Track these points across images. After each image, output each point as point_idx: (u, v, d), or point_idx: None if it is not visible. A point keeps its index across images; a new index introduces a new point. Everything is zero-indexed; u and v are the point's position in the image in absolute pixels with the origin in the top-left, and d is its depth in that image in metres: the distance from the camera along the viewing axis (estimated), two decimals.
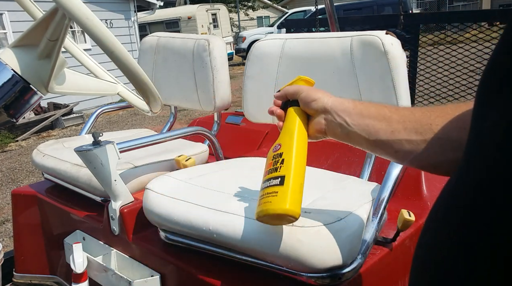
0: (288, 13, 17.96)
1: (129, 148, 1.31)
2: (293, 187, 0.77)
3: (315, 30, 2.98)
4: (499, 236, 0.36)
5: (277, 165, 0.81)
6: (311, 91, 0.83)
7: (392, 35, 1.22)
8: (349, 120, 0.76)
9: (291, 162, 0.79)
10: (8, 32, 7.32)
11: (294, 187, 0.77)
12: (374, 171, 1.36)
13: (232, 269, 1.05)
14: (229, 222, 0.98)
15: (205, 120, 2.10)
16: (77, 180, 1.42)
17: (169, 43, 1.83)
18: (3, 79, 1.04)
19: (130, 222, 1.28)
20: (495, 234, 0.37)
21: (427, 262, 0.45)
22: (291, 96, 0.86)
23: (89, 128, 1.86)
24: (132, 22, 10.04)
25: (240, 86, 1.60)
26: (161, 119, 6.80)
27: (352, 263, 0.95)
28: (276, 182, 0.79)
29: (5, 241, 3.10)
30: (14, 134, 6.49)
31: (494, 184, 0.37)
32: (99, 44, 0.94)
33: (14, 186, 4.30)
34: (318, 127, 0.82)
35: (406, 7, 10.64)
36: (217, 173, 1.26)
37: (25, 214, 1.68)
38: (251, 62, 1.49)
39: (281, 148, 0.83)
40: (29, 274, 1.68)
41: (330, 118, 0.79)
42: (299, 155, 0.81)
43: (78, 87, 1.25)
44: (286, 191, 0.77)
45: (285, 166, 0.80)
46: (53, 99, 7.39)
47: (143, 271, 1.23)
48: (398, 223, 1.06)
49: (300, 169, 0.80)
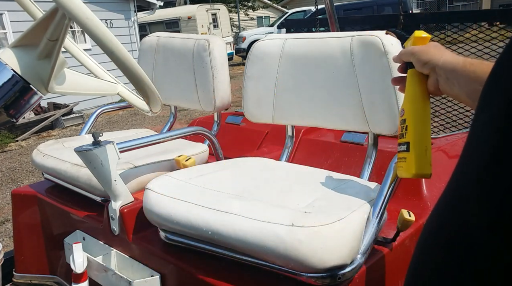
0: (288, 13, 17.95)
1: (129, 148, 1.31)
2: (416, 153, 0.84)
3: (315, 30, 2.98)
4: (483, 235, 0.37)
5: (403, 131, 0.87)
6: (421, 53, 0.84)
7: (392, 35, 1.22)
8: (457, 83, 0.77)
9: (413, 129, 0.85)
10: (8, 32, 7.32)
11: (418, 152, 0.84)
12: (374, 171, 1.36)
13: (232, 269, 1.05)
14: (229, 222, 0.98)
15: (205, 120, 2.10)
16: (77, 180, 1.42)
17: (169, 43, 1.83)
18: (3, 79, 1.04)
19: (130, 222, 1.28)
20: (478, 234, 0.37)
21: (420, 259, 0.46)
22: (405, 59, 0.88)
23: (89, 128, 1.86)
24: (132, 22, 10.04)
25: (240, 86, 1.60)
26: (161, 119, 6.80)
27: (352, 263, 0.95)
28: (404, 148, 0.86)
29: (5, 241, 3.10)
30: (14, 134, 6.49)
31: (483, 186, 0.38)
32: (99, 44, 0.94)
33: (14, 186, 4.30)
34: (435, 86, 0.83)
35: (406, 7, 10.64)
36: (217, 173, 1.26)
37: (25, 214, 1.68)
38: (251, 62, 1.49)
39: (405, 113, 0.88)
40: (29, 274, 1.68)
41: (442, 77, 0.80)
42: (419, 121, 0.85)
43: (78, 87, 1.25)
44: (412, 157, 0.85)
45: (408, 132, 0.85)
46: (53, 99, 7.38)
47: (143, 271, 1.23)
48: (398, 223, 1.06)
49: (423, 133, 0.85)
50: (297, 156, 1.69)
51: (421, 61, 0.84)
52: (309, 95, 1.39)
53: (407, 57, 0.88)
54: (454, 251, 0.40)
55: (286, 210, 0.98)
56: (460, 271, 0.39)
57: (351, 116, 1.32)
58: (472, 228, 0.38)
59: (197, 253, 1.11)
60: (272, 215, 0.95)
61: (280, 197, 1.09)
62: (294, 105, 1.43)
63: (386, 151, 1.46)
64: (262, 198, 1.08)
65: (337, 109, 1.35)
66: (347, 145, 1.63)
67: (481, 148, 0.40)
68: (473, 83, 0.72)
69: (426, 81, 0.86)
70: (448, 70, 0.78)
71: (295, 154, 1.69)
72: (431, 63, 0.82)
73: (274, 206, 1.00)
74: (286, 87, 1.44)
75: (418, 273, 0.46)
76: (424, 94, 0.86)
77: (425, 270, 0.44)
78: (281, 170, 1.32)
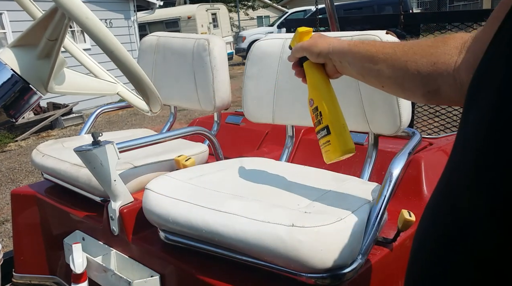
0: (288, 12, 17.96)
1: (129, 148, 1.31)
2: (337, 131, 0.92)
3: (315, 30, 2.98)
4: (476, 232, 0.38)
5: (318, 118, 0.95)
6: (312, 47, 0.93)
7: (392, 34, 1.22)
8: (347, 64, 0.88)
9: (326, 112, 0.93)
10: (7, 32, 7.32)
11: (339, 131, 0.92)
12: (374, 171, 1.35)
13: (232, 269, 1.05)
14: (229, 222, 0.98)
15: (205, 120, 2.10)
16: (77, 180, 1.42)
17: (168, 42, 1.82)
18: (3, 79, 1.03)
19: (129, 222, 1.28)
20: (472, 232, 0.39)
21: (417, 254, 0.46)
22: (299, 55, 0.97)
23: (89, 128, 1.85)
24: (132, 21, 10.04)
25: (240, 86, 1.60)
26: (161, 119, 6.79)
27: (352, 263, 0.94)
28: (325, 133, 0.93)
29: (4, 241, 3.10)
30: (14, 134, 6.48)
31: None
32: (99, 44, 0.94)
33: (14, 186, 4.29)
34: (332, 70, 0.94)
35: (406, 6, 10.63)
36: (217, 173, 1.26)
37: (25, 214, 1.67)
38: (251, 62, 1.48)
39: (314, 102, 0.96)
40: (28, 274, 1.68)
41: (337, 62, 0.91)
42: (329, 103, 0.94)
43: (78, 87, 1.25)
44: (334, 137, 0.92)
45: (324, 117, 0.93)
46: (53, 99, 7.38)
47: (143, 271, 1.23)
48: (398, 223, 1.06)
49: (336, 113, 0.94)
50: (297, 156, 1.68)
51: (314, 53, 0.93)
52: None
53: (300, 53, 0.97)
54: (449, 239, 0.41)
55: (286, 210, 0.98)
56: (457, 258, 0.39)
57: (351, 116, 1.32)
58: (465, 215, 0.39)
59: (197, 253, 1.11)
60: (272, 216, 0.95)
61: (280, 197, 1.09)
62: (294, 105, 1.43)
63: (386, 151, 1.46)
64: (262, 198, 1.07)
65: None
66: None
67: (474, 138, 0.41)
68: (359, 61, 0.84)
69: (323, 68, 0.95)
70: (338, 55, 0.89)
71: (295, 154, 1.69)
72: (323, 53, 0.92)
73: (274, 206, 1.00)
74: (286, 87, 1.43)
75: (417, 264, 0.46)
76: (325, 79, 0.95)
77: (423, 260, 0.45)
78: (281, 170, 1.32)
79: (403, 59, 0.74)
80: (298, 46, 0.97)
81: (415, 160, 1.40)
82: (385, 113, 1.23)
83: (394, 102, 1.20)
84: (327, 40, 0.93)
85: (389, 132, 1.26)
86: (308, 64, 0.97)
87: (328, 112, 0.93)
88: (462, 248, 0.40)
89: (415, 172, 1.39)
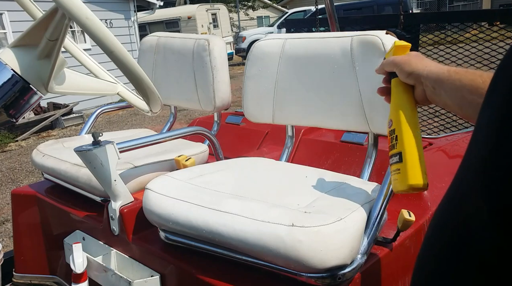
0: (288, 13, 17.95)
1: (129, 148, 1.31)
2: (410, 163, 0.83)
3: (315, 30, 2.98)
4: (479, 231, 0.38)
5: (393, 142, 0.86)
6: (404, 64, 0.84)
7: (392, 35, 1.22)
8: (443, 92, 0.77)
9: (403, 139, 0.84)
10: (8, 32, 7.32)
11: (411, 162, 0.83)
12: (374, 171, 1.35)
13: (232, 269, 1.05)
14: (229, 222, 0.98)
15: (205, 120, 2.10)
16: (77, 180, 1.42)
17: (169, 43, 1.83)
18: (3, 79, 1.04)
19: (130, 222, 1.28)
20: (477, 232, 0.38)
21: (426, 255, 0.46)
22: (388, 69, 0.88)
23: (89, 128, 1.86)
24: (132, 22, 10.04)
25: (240, 86, 1.60)
26: (161, 119, 6.79)
27: (352, 263, 0.95)
28: (396, 160, 0.85)
29: (5, 241, 3.10)
30: (14, 134, 6.48)
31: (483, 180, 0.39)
32: (99, 44, 0.94)
33: (14, 186, 4.29)
34: (421, 96, 0.83)
35: (406, 7, 10.64)
36: (217, 173, 1.26)
37: (25, 214, 1.67)
38: (251, 62, 1.48)
39: (393, 124, 0.87)
40: (29, 274, 1.68)
41: (429, 87, 0.80)
42: (409, 129, 0.84)
43: (78, 87, 1.25)
44: (405, 167, 0.84)
45: (399, 142, 0.85)
46: (53, 99, 7.38)
47: (143, 271, 1.23)
48: (398, 223, 1.06)
49: (414, 142, 0.84)
50: (297, 156, 1.69)
51: (405, 72, 0.84)
52: (309, 95, 1.39)
53: (390, 68, 0.88)
54: (457, 244, 0.41)
55: (286, 210, 0.98)
56: (464, 264, 0.39)
57: (351, 116, 1.32)
58: (474, 219, 0.39)
59: (197, 253, 1.11)
60: (272, 215, 0.95)
61: (280, 197, 1.09)
62: (294, 105, 1.43)
63: (386, 151, 1.46)
64: (262, 198, 1.07)
65: (337, 109, 1.34)
66: (347, 145, 1.63)
67: (485, 140, 0.40)
68: (460, 91, 0.73)
69: (411, 90, 0.86)
70: (433, 80, 0.79)
71: (295, 154, 1.69)
72: (415, 73, 0.82)
73: (274, 206, 1.00)
74: (286, 87, 1.43)
75: (424, 269, 0.46)
76: (411, 103, 0.86)
77: (430, 265, 0.44)
78: (281, 170, 1.32)
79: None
80: (390, 60, 0.88)
81: None
82: (385, 113, 1.23)
83: None
84: (424, 61, 0.84)
85: None
86: (396, 82, 0.88)
87: (405, 139, 0.84)
88: (465, 251, 0.40)
89: None
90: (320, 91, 1.37)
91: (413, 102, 0.86)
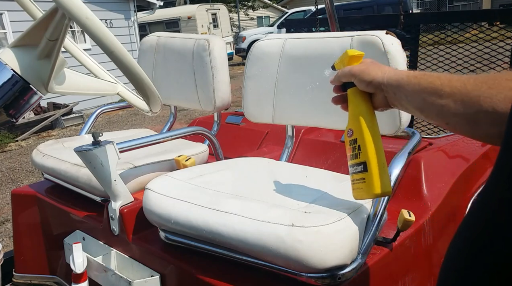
0: (288, 13, 17.96)
1: (129, 148, 1.31)
2: (375, 171, 0.83)
3: (315, 30, 2.98)
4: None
5: (355, 151, 0.86)
6: (363, 73, 0.83)
7: (392, 35, 1.22)
8: (404, 97, 0.77)
9: (367, 148, 0.84)
10: (8, 32, 7.32)
11: (376, 171, 0.83)
12: None
13: (232, 269, 1.05)
14: (229, 222, 0.98)
15: (205, 120, 2.10)
16: (77, 180, 1.42)
17: (169, 43, 1.83)
18: (3, 79, 1.04)
19: (130, 222, 1.28)
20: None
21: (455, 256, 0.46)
22: (346, 80, 0.87)
23: (89, 128, 1.86)
24: (132, 22, 10.04)
25: (240, 86, 1.60)
26: (161, 119, 6.79)
27: (352, 263, 0.95)
28: (360, 169, 0.85)
29: (5, 241, 3.10)
30: (14, 134, 6.48)
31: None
32: (99, 44, 0.94)
33: (14, 186, 4.29)
34: (382, 102, 0.84)
35: (406, 7, 10.64)
36: (217, 173, 1.26)
37: (25, 214, 1.67)
38: (251, 62, 1.48)
39: (354, 133, 0.86)
40: (29, 274, 1.68)
41: (390, 94, 0.81)
42: (372, 138, 0.84)
43: (78, 87, 1.25)
44: (371, 177, 0.84)
45: (363, 152, 0.84)
46: (53, 99, 7.38)
47: (143, 271, 1.23)
48: (398, 223, 1.06)
49: (377, 151, 0.84)
50: (297, 156, 1.69)
51: (364, 82, 0.84)
52: (309, 95, 1.39)
53: (347, 78, 0.87)
54: (475, 244, 0.41)
55: (286, 210, 0.98)
56: (480, 263, 0.40)
57: None
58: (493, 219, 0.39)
59: (197, 253, 1.11)
60: (272, 215, 0.95)
61: (280, 197, 1.09)
62: (294, 105, 1.43)
63: (386, 151, 1.45)
64: (262, 198, 1.07)
65: (337, 109, 1.34)
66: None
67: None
68: (420, 94, 0.74)
69: (369, 98, 0.86)
70: (394, 86, 0.79)
71: (295, 154, 1.69)
72: (374, 82, 0.82)
73: (274, 206, 1.00)
74: (286, 87, 1.43)
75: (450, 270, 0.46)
76: (371, 111, 0.86)
77: (456, 264, 0.45)
78: (281, 170, 1.32)
79: (475, 93, 0.64)
80: (347, 70, 0.86)
81: (414, 160, 1.40)
82: (384, 113, 1.22)
83: None
84: (382, 68, 0.84)
85: (389, 132, 1.26)
86: (353, 91, 0.87)
87: (369, 148, 0.84)
88: (485, 253, 0.40)
89: (414, 172, 1.39)
90: (320, 91, 1.37)
91: (372, 110, 0.86)
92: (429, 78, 0.73)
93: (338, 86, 0.92)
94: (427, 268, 1.28)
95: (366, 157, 0.84)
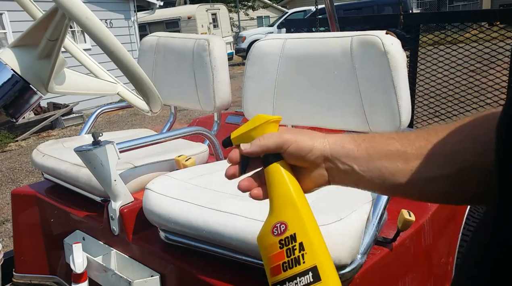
0: (288, 13, 17.96)
1: (129, 148, 1.31)
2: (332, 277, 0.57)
3: (315, 30, 2.98)
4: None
5: (296, 254, 0.58)
6: (300, 142, 0.60)
7: (392, 35, 1.22)
8: (356, 167, 0.59)
9: (314, 246, 0.58)
10: (8, 32, 7.32)
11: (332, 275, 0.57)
12: None
13: (232, 269, 1.05)
14: (229, 222, 0.98)
15: (205, 120, 2.10)
16: (77, 180, 1.42)
17: (169, 43, 1.83)
18: (3, 79, 1.04)
19: (130, 222, 1.28)
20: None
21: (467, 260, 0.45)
22: (273, 151, 0.61)
23: (89, 128, 1.86)
24: (132, 22, 10.04)
25: (240, 86, 1.60)
26: (161, 119, 6.79)
27: (352, 263, 0.95)
28: (309, 280, 0.57)
29: (5, 241, 3.10)
30: (14, 134, 6.49)
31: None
32: (99, 44, 0.94)
33: (14, 186, 4.29)
34: (320, 179, 0.63)
35: (406, 7, 10.65)
36: (217, 173, 1.26)
37: (25, 214, 1.67)
38: (251, 62, 1.48)
39: (289, 228, 0.59)
40: (29, 274, 1.68)
41: (333, 166, 0.61)
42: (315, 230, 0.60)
43: (78, 87, 1.25)
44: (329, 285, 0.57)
45: (309, 253, 0.58)
46: (53, 99, 7.38)
47: (143, 271, 1.23)
48: (398, 223, 1.06)
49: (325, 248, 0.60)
50: None
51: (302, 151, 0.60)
52: (309, 95, 1.39)
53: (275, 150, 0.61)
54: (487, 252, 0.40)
55: None
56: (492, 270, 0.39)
57: (351, 116, 1.32)
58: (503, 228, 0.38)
59: (197, 253, 1.11)
60: None
61: None
62: (294, 105, 1.43)
63: None
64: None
65: (337, 109, 1.34)
66: None
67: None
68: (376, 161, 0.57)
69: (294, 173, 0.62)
70: (341, 155, 0.60)
71: None
72: (316, 150, 0.60)
73: None
74: (286, 87, 1.43)
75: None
76: (303, 194, 0.62)
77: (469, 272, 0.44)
78: None
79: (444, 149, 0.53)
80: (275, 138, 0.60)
81: None
82: (384, 113, 1.23)
83: (394, 102, 1.20)
84: (313, 134, 0.63)
85: None
86: (280, 167, 0.61)
87: (317, 246, 0.58)
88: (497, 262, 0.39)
89: None
90: (320, 91, 1.37)
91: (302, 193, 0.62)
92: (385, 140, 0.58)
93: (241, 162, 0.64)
94: (427, 268, 1.28)
95: (317, 260, 0.57)
